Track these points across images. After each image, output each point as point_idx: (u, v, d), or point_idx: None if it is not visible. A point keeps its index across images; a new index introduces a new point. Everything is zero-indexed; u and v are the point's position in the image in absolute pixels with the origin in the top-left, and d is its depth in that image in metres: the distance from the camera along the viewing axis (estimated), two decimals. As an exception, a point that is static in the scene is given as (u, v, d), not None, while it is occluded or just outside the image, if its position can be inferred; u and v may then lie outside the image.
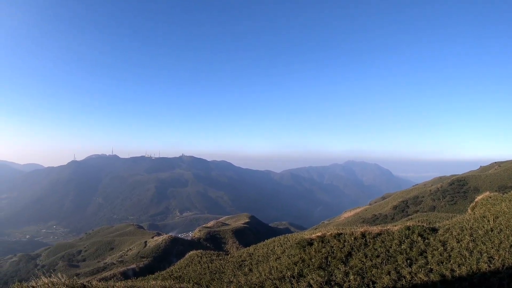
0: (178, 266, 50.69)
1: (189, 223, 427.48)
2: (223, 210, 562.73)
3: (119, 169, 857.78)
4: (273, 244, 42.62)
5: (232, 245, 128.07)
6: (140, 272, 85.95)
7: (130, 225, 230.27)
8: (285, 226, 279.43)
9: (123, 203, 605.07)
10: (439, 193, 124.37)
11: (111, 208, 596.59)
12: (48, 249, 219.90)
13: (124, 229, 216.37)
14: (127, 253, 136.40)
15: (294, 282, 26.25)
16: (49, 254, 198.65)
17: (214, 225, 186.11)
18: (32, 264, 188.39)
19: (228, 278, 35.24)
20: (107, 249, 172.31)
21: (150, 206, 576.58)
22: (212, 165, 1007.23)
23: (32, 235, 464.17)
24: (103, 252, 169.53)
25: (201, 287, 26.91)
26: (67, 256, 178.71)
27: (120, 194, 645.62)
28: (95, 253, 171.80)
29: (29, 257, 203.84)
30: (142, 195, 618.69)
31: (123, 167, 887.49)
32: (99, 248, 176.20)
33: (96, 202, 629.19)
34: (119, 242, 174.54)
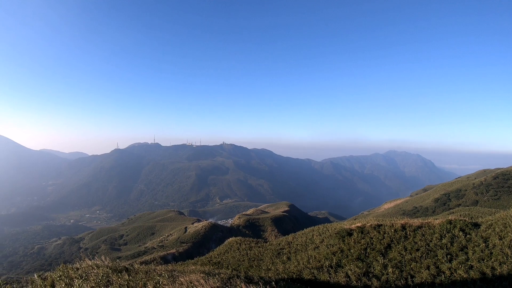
0: (217, 252, 50.91)
1: (229, 210, 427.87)
2: (262, 198, 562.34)
3: (161, 156, 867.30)
4: (312, 233, 42.25)
5: (271, 233, 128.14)
6: (179, 257, 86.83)
7: (171, 211, 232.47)
8: (324, 216, 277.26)
9: (165, 190, 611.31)
10: (483, 187, 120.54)
11: (153, 194, 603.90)
12: (91, 233, 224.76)
13: (165, 215, 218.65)
14: (167, 238, 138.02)
15: (332, 272, 26.11)
16: (92, 238, 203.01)
17: (253, 212, 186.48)
18: (76, 247, 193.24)
19: (266, 265, 35.29)
20: (148, 234, 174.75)
21: (190, 193, 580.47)
22: (253, 153, 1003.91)
23: (76, 220, 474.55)
24: (144, 237, 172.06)
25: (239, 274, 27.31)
26: (109, 240, 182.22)
27: (162, 181, 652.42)
28: (137, 238, 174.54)
29: (73, 240, 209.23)
30: (183, 182, 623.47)
31: (164, 155, 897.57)
32: (140, 233, 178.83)
33: (138, 189, 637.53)
34: (160, 228, 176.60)
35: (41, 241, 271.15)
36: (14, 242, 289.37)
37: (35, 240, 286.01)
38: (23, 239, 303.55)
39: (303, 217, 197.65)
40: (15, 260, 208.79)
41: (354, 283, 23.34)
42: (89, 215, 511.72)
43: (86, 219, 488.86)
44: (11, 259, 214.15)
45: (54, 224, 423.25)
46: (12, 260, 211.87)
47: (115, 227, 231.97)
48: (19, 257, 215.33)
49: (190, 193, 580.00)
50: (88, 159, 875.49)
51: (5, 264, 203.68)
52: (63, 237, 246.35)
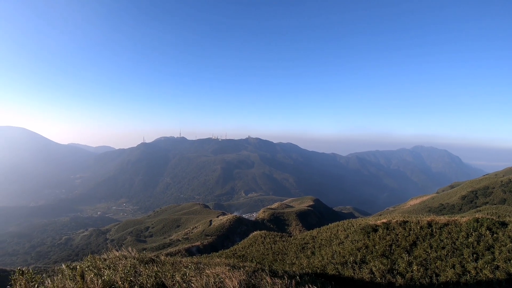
0: (241, 245, 51.00)
1: (254, 204, 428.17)
2: (287, 192, 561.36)
3: (187, 150, 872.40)
4: (336, 228, 42.03)
5: (296, 227, 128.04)
6: (203, 250, 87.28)
7: (197, 204, 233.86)
8: (349, 211, 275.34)
9: (190, 183, 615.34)
10: (511, 184, 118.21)
11: (179, 187, 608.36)
12: (118, 225, 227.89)
13: (191, 208, 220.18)
14: (192, 231, 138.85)
15: (356, 268, 26.04)
16: (118, 230, 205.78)
17: (278, 206, 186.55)
18: (102, 238, 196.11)
19: (291, 260, 35.32)
20: (174, 226, 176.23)
21: (216, 186, 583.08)
22: (278, 147, 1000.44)
23: (103, 212, 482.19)
24: (169, 229, 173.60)
25: (264, 267, 27.43)
26: (135, 231, 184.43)
27: (187, 175, 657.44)
28: (162, 230, 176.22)
29: (100, 232, 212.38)
30: (209, 176, 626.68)
31: (190, 149, 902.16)
32: (166, 225, 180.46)
33: (164, 182, 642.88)
34: (185, 220, 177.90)
35: (68, 232, 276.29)
36: (42, 233, 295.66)
37: (62, 231, 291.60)
38: (51, 230, 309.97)
39: (327, 212, 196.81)
40: (43, 250, 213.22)
41: (378, 279, 23.24)
42: (116, 208, 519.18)
43: (112, 211, 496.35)
44: (39, 249, 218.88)
45: (81, 216, 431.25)
46: (40, 250, 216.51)
47: (141, 219, 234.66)
48: (47, 247, 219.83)
49: (216, 186, 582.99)
50: (115, 153, 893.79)
51: (33, 254, 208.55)
52: (90, 228, 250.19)
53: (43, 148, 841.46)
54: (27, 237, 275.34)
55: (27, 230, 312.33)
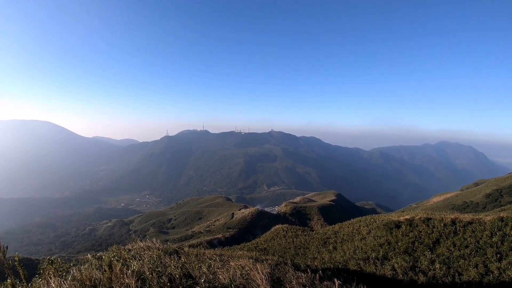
0: (263, 238, 51.23)
1: (276, 198, 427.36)
2: (310, 186, 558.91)
3: (210, 143, 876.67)
4: (358, 224, 41.93)
5: (317, 222, 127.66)
6: (225, 242, 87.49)
7: (219, 197, 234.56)
8: (371, 206, 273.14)
9: (213, 176, 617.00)
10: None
11: (201, 180, 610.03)
12: (141, 216, 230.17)
13: (213, 200, 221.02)
14: (214, 223, 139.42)
15: (378, 264, 26.00)
16: (141, 221, 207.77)
17: (300, 200, 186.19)
18: (125, 229, 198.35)
19: (312, 254, 35.40)
20: (196, 218, 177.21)
21: (238, 179, 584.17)
22: (301, 141, 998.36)
23: (126, 203, 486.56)
24: (191, 221, 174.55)
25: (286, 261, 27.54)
26: (158, 223, 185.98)
27: (210, 168, 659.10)
28: (184, 222, 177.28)
29: (123, 223, 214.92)
30: (231, 169, 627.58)
31: (213, 142, 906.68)
32: (188, 217, 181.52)
33: (187, 174, 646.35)
34: (207, 213, 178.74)
35: (92, 223, 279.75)
36: (67, 224, 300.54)
37: (86, 222, 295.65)
38: (75, 220, 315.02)
39: (350, 207, 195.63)
40: (67, 240, 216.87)
41: (400, 276, 23.16)
42: (139, 199, 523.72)
43: (136, 203, 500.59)
44: (63, 239, 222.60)
45: (105, 207, 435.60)
46: (64, 240, 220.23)
47: (164, 211, 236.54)
48: (71, 237, 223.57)
49: (238, 179, 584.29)
50: (138, 146, 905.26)
51: (57, 243, 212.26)
52: (114, 219, 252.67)
53: (68, 141, 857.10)
54: (51, 227, 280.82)
55: (52, 220, 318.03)
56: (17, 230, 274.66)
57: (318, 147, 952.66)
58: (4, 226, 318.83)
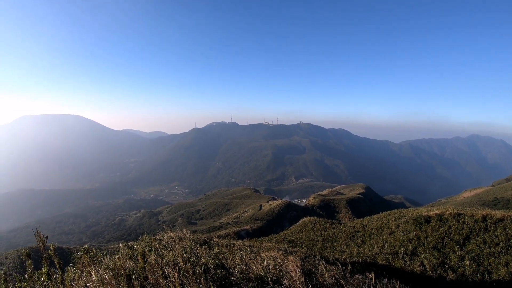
0: (291, 230, 51.39)
1: (304, 190, 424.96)
2: (338, 178, 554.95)
3: (238, 135, 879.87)
4: (387, 218, 41.68)
5: (345, 215, 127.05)
6: (253, 234, 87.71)
7: (247, 189, 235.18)
8: (400, 200, 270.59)
9: (241, 168, 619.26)
10: None
11: (230, 172, 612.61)
12: (169, 207, 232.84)
13: (241, 192, 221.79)
14: (242, 215, 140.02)
15: (407, 259, 25.84)
16: (170, 212, 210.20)
17: (328, 193, 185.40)
18: (154, 220, 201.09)
19: (341, 247, 35.43)
20: (224, 210, 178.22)
21: (266, 171, 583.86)
22: (330, 133, 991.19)
23: (156, 194, 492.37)
24: (219, 213, 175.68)
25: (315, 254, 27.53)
26: (186, 214, 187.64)
27: (239, 159, 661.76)
28: (212, 213, 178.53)
29: (152, 213, 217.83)
30: (260, 161, 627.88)
31: (241, 134, 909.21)
32: (216, 209, 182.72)
33: (215, 166, 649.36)
34: (236, 204, 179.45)
35: (122, 213, 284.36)
36: (97, 214, 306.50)
37: (116, 212, 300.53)
38: (106, 211, 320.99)
39: (378, 201, 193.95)
40: (97, 230, 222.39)
41: (429, 273, 22.98)
42: (168, 190, 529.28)
43: (165, 194, 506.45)
44: (94, 229, 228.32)
45: (134, 198, 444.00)
46: (94, 230, 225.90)
47: (193, 202, 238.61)
48: (101, 227, 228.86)
49: (266, 171, 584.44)
50: (167, 138, 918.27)
51: (88, 233, 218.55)
52: (143, 210, 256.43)
53: (98, 134, 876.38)
54: (82, 218, 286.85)
55: (82, 211, 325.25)
56: (49, 220, 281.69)
57: (346, 139, 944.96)
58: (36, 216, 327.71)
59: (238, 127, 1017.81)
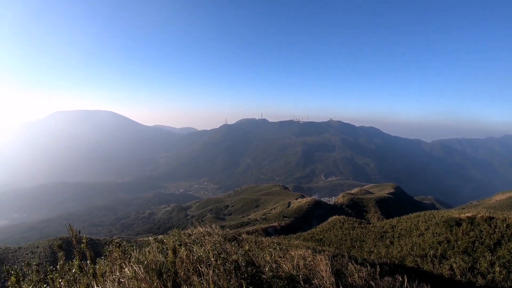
0: (319, 229, 51.33)
1: (333, 188, 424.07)
2: (368, 177, 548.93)
3: (268, 132, 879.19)
4: (417, 219, 41.19)
5: (374, 215, 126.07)
6: (280, 231, 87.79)
7: (276, 186, 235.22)
8: (430, 202, 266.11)
9: (271, 165, 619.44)
10: None
11: (259, 168, 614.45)
12: (198, 202, 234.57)
13: (270, 189, 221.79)
14: (270, 212, 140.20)
15: (436, 262, 25.54)
16: (198, 207, 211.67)
17: (358, 192, 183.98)
18: (183, 214, 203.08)
19: (369, 247, 35.24)
20: (252, 206, 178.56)
21: (296, 168, 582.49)
22: (360, 131, 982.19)
23: (185, 189, 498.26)
24: (248, 209, 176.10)
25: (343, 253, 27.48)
26: (215, 209, 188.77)
27: (268, 156, 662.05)
28: (241, 209, 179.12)
29: (181, 208, 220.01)
30: (289, 158, 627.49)
31: (271, 131, 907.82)
32: (245, 205, 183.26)
33: (245, 162, 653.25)
34: (264, 201, 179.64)
35: (151, 207, 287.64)
36: (127, 207, 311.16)
37: (146, 206, 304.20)
38: (135, 204, 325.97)
39: (408, 201, 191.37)
40: (127, 223, 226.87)
41: (458, 277, 22.64)
42: (197, 186, 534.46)
43: (194, 189, 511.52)
44: (123, 222, 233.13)
45: (164, 192, 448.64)
46: (124, 222, 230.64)
47: (221, 197, 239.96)
48: (131, 220, 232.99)
49: (296, 168, 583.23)
50: (198, 134, 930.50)
51: (117, 225, 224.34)
52: (172, 204, 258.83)
53: (130, 129, 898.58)
54: (112, 210, 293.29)
55: (113, 203, 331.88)
56: (80, 211, 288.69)
57: (377, 137, 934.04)
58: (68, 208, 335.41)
59: (268, 124, 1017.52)
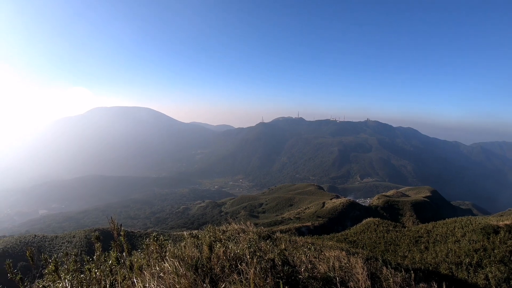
0: (353, 230, 51.20)
1: (368, 189, 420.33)
2: (404, 180, 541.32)
3: (304, 131, 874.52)
4: (453, 225, 40.69)
5: (409, 218, 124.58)
6: (314, 231, 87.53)
7: (311, 185, 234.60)
8: (467, 207, 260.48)
9: (306, 164, 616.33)
10: None
11: (294, 167, 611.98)
12: (233, 199, 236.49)
13: (305, 188, 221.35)
14: (304, 211, 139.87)
15: (471, 271, 25.16)
16: (233, 204, 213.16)
17: (393, 194, 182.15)
18: (217, 210, 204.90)
19: (403, 252, 34.99)
20: (287, 205, 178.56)
21: (331, 168, 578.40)
22: (397, 132, 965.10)
23: (220, 186, 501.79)
24: (282, 207, 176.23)
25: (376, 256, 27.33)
26: (249, 207, 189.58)
27: (304, 155, 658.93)
28: (275, 207, 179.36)
29: (215, 204, 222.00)
30: (325, 157, 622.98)
31: (308, 129, 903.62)
32: (279, 203, 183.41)
33: (280, 161, 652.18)
34: (299, 200, 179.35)
35: (186, 202, 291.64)
36: (163, 202, 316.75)
37: (181, 201, 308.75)
38: (171, 199, 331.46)
39: (444, 206, 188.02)
40: (161, 217, 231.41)
41: (492, 288, 22.28)
42: (232, 183, 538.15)
43: (229, 186, 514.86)
44: (158, 216, 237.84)
45: (199, 188, 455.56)
46: (159, 216, 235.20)
47: (256, 195, 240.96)
48: (165, 214, 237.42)
49: (331, 168, 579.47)
50: (234, 131, 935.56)
51: (152, 219, 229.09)
52: (207, 200, 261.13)
53: (167, 126, 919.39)
54: (148, 204, 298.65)
55: (149, 198, 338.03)
56: (117, 204, 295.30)
57: (415, 138, 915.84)
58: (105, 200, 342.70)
59: (304, 123, 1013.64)
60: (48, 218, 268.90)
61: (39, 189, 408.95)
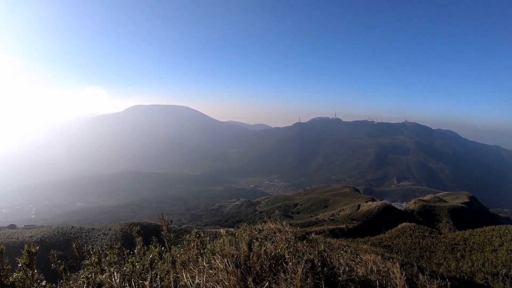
0: (388, 235, 50.85)
1: (405, 193, 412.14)
2: (442, 184, 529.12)
3: (341, 131, 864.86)
4: (491, 233, 40.09)
5: (446, 225, 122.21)
6: (348, 233, 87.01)
7: (347, 187, 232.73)
8: (506, 215, 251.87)
9: (342, 165, 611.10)
10: None
11: (330, 168, 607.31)
12: (268, 198, 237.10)
13: (340, 189, 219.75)
14: (339, 213, 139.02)
15: (507, 282, 24.83)
16: (267, 203, 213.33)
17: (430, 199, 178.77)
18: (252, 209, 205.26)
19: (438, 259, 34.73)
20: (321, 206, 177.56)
21: (368, 170, 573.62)
22: (436, 134, 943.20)
23: (255, 185, 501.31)
24: (316, 209, 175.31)
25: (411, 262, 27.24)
26: (284, 207, 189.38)
27: (340, 156, 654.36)
28: (310, 208, 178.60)
29: (250, 203, 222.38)
30: (361, 159, 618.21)
31: (344, 130, 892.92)
32: (314, 204, 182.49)
33: (316, 162, 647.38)
34: (334, 202, 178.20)
35: (221, 200, 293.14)
36: (198, 199, 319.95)
37: (215, 199, 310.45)
38: (206, 196, 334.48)
39: (483, 213, 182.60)
40: (196, 214, 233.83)
41: (528, 301, 22.03)
42: (268, 182, 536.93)
43: (264, 185, 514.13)
44: (193, 212, 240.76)
45: (234, 187, 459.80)
46: (193, 213, 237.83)
47: (291, 195, 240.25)
48: (200, 211, 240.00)
49: (368, 170, 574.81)
50: (270, 131, 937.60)
51: (187, 215, 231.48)
52: (242, 199, 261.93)
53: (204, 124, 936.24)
54: (183, 201, 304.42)
55: (184, 194, 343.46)
56: (153, 199, 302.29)
57: (454, 141, 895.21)
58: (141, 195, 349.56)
59: (341, 123, 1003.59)
60: (85, 210, 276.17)
61: (77, 183, 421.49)
